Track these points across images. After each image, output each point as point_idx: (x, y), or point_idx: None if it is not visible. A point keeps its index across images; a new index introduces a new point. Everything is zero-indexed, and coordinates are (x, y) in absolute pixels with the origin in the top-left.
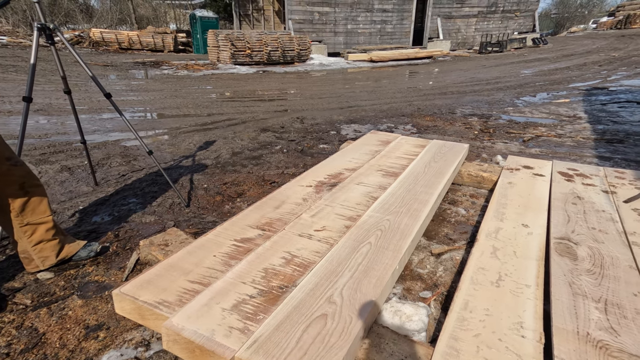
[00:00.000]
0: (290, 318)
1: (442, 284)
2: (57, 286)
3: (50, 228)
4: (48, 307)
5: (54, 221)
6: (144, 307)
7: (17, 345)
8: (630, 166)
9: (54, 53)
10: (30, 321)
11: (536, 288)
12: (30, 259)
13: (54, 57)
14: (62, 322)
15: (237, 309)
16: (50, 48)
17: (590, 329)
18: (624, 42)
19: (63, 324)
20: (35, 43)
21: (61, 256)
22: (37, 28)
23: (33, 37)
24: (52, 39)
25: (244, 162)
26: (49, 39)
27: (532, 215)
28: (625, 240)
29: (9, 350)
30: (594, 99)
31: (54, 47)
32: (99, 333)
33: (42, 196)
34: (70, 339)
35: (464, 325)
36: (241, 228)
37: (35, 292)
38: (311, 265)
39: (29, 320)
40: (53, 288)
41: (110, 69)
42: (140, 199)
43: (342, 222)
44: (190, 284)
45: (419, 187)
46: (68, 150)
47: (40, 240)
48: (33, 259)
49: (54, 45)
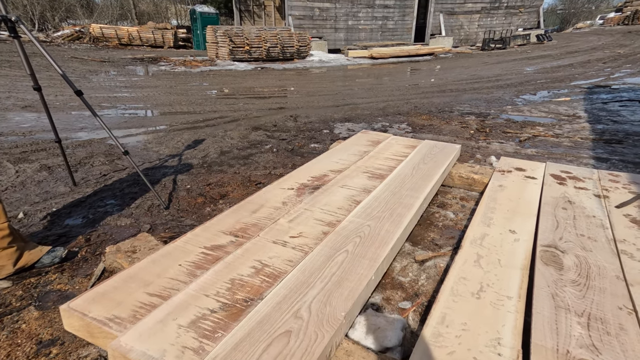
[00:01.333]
0: (250, 336)
1: (424, 293)
2: (14, 296)
3: (6, 235)
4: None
5: (10, 227)
6: (93, 324)
7: None
8: (627, 168)
9: (18, 47)
10: None
11: (518, 300)
12: None
13: (19, 52)
14: (12, 337)
15: (195, 325)
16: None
17: (571, 346)
18: (630, 39)
19: (14, 339)
20: None
21: (20, 264)
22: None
23: None
24: (16, 32)
25: (232, 161)
26: (11, 32)
27: (521, 220)
28: (614, 249)
29: None
30: (596, 98)
31: (17, 40)
32: (51, 349)
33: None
34: (19, 356)
35: (438, 341)
36: (213, 234)
37: None
38: (282, 276)
39: None
40: (9, 298)
41: (107, 65)
42: (119, 200)
43: (320, 228)
44: (148, 297)
45: (404, 191)
46: (50, 149)
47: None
48: None
49: (18, 39)
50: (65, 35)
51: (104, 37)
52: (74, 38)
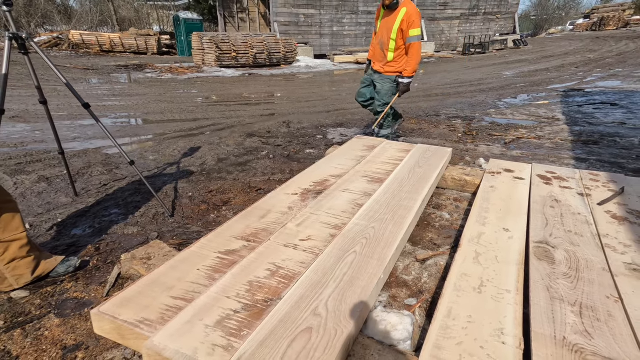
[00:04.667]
0: (274, 333)
1: (427, 290)
2: (33, 305)
3: (25, 245)
4: (22, 327)
5: (28, 237)
6: (124, 326)
7: None
8: (604, 167)
9: (27, 63)
10: (2, 344)
11: (516, 293)
12: (4, 278)
13: (28, 67)
14: (37, 343)
15: (221, 325)
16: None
17: (567, 333)
18: (598, 44)
19: (39, 345)
20: (7, 53)
21: (37, 273)
22: (8, 38)
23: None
24: (26, 49)
25: (230, 168)
26: (21, 49)
27: (513, 219)
28: (599, 243)
29: None
30: (571, 101)
31: (27, 57)
32: (77, 354)
33: (14, 212)
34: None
35: (447, 333)
36: (226, 240)
37: (8, 312)
38: (296, 277)
39: (1, 343)
40: (28, 307)
41: (92, 73)
42: (123, 209)
43: (327, 231)
44: (173, 301)
45: (403, 193)
46: (46, 160)
47: (14, 258)
48: (6, 278)
49: (27, 55)
50: (43, 42)
51: (84, 43)
52: (52, 45)
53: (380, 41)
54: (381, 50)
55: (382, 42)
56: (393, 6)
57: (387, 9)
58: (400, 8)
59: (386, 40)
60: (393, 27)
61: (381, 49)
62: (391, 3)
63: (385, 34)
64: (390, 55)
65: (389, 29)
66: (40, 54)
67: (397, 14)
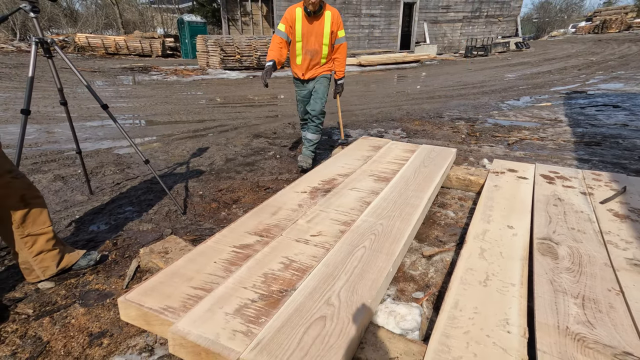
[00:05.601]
0: (291, 320)
1: (434, 284)
2: (59, 295)
3: (51, 238)
4: (50, 316)
5: (53, 231)
6: (150, 313)
7: (22, 354)
8: (607, 167)
9: (51, 66)
10: (33, 330)
11: (520, 286)
12: (31, 270)
13: (52, 70)
14: (65, 330)
15: (240, 313)
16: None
17: (570, 323)
18: (600, 47)
19: (66, 332)
20: (33, 57)
21: (61, 266)
22: (35, 42)
23: (31, 51)
24: (50, 53)
25: (238, 168)
26: (46, 53)
27: (517, 217)
28: (601, 240)
29: (14, 359)
30: (574, 103)
31: (51, 60)
32: (102, 340)
33: (42, 207)
34: (75, 346)
35: (454, 323)
36: (240, 235)
37: (36, 301)
38: (309, 270)
39: (32, 330)
40: (54, 297)
41: (98, 75)
42: (137, 207)
43: (337, 227)
44: (193, 290)
45: (410, 192)
46: (60, 159)
47: (41, 250)
48: (34, 270)
49: (51, 59)
50: None
51: (90, 46)
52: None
53: (309, 50)
54: (311, 59)
55: (314, 51)
56: (318, 11)
57: (313, 15)
58: (323, 12)
59: (318, 47)
60: (324, 32)
61: (312, 57)
62: (317, 9)
63: (316, 42)
64: (323, 61)
65: (318, 35)
66: (64, 58)
67: (323, 19)
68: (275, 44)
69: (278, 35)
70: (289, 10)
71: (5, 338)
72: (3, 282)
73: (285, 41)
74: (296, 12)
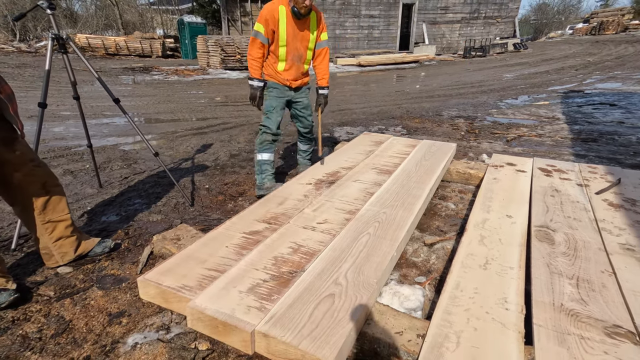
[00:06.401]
0: (301, 298)
1: (435, 270)
2: (77, 279)
3: (69, 225)
4: (71, 297)
5: (71, 219)
6: (168, 291)
7: (48, 331)
8: (602, 162)
9: (65, 61)
10: (56, 310)
11: (519, 270)
12: (51, 255)
13: (66, 65)
14: (86, 310)
15: (253, 291)
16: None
17: (564, 300)
18: (598, 48)
19: (87, 312)
20: (49, 51)
21: (79, 252)
22: (51, 38)
23: (48, 46)
24: (65, 48)
25: (242, 163)
26: (61, 48)
27: (515, 207)
28: (596, 227)
29: (40, 335)
30: (571, 101)
31: (66, 56)
32: (121, 319)
33: (61, 195)
34: (96, 324)
35: (455, 302)
36: (249, 222)
37: (57, 284)
38: (317, 254)
39: (55, 310)
40: (73, 281)
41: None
42: (145, 199)
43: (342, 216)
44: (207, 271)
45: (411, 183)
46: (68, 155)
47: (60, 236)
48: (53, 255)
49: (66, 54)
50: None
51: (90, 47)
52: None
53: (295, 56)
54: (298, 65)
55: (299, 56)
56: (308, 13)
57: (302, 17)
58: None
59: (303, 51)
60: (310, 36)
61: (298, 63)
62: (307, 11)
63: (301, 46)
64: (306, 67)
65: (304, 39)
66: (78, 54)
67: (309, 21)
68: (256, 51)
69: (257, 39)
70: (268, 8)
71: (31, 317)
72: (24, 267)
73: (266, 46)
74: (279, 11)
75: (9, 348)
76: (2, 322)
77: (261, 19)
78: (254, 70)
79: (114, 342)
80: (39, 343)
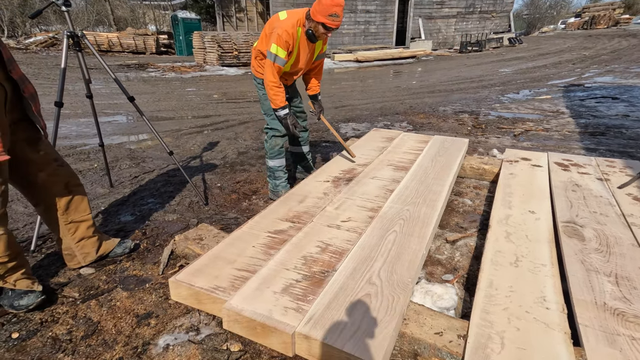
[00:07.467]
0: (337, 298)
1: (461, 267)
2: (100, 280)
3: (90, 225)
4: (96, 299)
5: (92, 219)
6: (201, 292)
7: (77, 333)
8: (614, 156)
9: (80, 59)
10: (82, 312)
11: (552, 267)
12: (73, 255)
13: (80, 62)
14: (112, 312)
15: (287, 292)
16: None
17: (606, 299)
18: (592, 42)
19: (114, 313)
20: (65, 49)
21: (100, 252)
22: (66, 35)
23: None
24: (79, 46)
25: (251, 161)
26: (76, 46)
27: (537, 202)
28: (625, 222)
29: (70, 337)
30: (573, 95)
31: (80, 53)
32: (150, 320)
33: (83, 195)
34: (124, 326)
35: (492, 301)
36: (272, 221)
37: (81, 286)
38: (345, 252)
39: (82, 311)
40: (96, 282)
41: (95, 72)
42: (158, 198)
43: (365, 213)
44: (238, 272)
45: (430, 180)
46: (74, 154)
47: (82, 237)
48: (75, 255)
49: (80, 52)
50: (39, 42)
51: None
52: (49, 44)
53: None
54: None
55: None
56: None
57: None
58: None
59: (303, 66)
60: (315, 52)
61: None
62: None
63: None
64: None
65: (310, 56)
66: (94, 52)
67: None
68: (276, 75)
69: (277, 64)
70: (289, 32)
71: (59, 318)
72: (45, 268)
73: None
74: (298, 33)
75: (40, 350)
76: (31, 324)
77: (281, 42)
78: (279, 97)
79: (144, 343)
80: (70, 345)
